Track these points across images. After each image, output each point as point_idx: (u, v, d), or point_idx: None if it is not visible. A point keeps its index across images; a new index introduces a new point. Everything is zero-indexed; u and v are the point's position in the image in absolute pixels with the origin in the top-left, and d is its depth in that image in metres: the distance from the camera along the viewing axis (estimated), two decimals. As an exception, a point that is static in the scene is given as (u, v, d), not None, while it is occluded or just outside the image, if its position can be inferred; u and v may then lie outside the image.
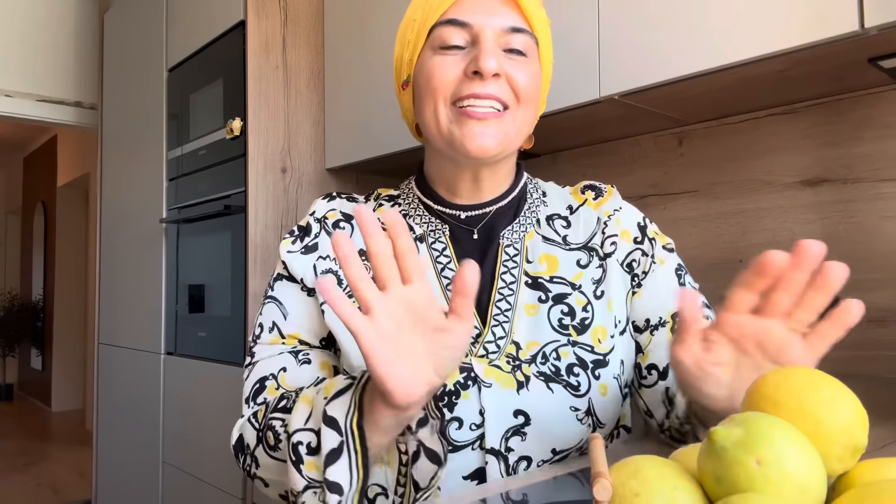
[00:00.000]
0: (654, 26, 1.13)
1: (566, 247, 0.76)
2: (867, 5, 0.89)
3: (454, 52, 0.69)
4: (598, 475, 0.39)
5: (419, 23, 0.72)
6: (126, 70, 2.46)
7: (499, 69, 0.67)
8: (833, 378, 0.46)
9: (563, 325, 0.71)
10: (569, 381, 0.68)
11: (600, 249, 0.77)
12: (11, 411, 6.00)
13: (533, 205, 0.79)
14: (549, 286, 0.73)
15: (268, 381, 0.69)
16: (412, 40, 0.73)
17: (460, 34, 0.69)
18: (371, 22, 1.73)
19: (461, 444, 0.65)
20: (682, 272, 0.79)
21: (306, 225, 0.77)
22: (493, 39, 0.68)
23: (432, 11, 0.70)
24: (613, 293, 0.74)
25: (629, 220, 0.79)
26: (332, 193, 0.80)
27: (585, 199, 0.81)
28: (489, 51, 0.67)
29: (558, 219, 0.79)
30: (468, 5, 0.69)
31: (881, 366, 1.17)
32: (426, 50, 0.71)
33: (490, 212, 0.76)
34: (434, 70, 0.69)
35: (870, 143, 1.21)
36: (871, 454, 0.68)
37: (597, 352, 0.70)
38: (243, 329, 1.75)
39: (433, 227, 0.76)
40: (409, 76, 0.74)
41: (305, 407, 0.60)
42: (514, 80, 0.69)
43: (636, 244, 0.77)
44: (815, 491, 0.38)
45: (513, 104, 0.70)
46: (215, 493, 1.83)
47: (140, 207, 2.31)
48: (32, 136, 6.14)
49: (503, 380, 0.66)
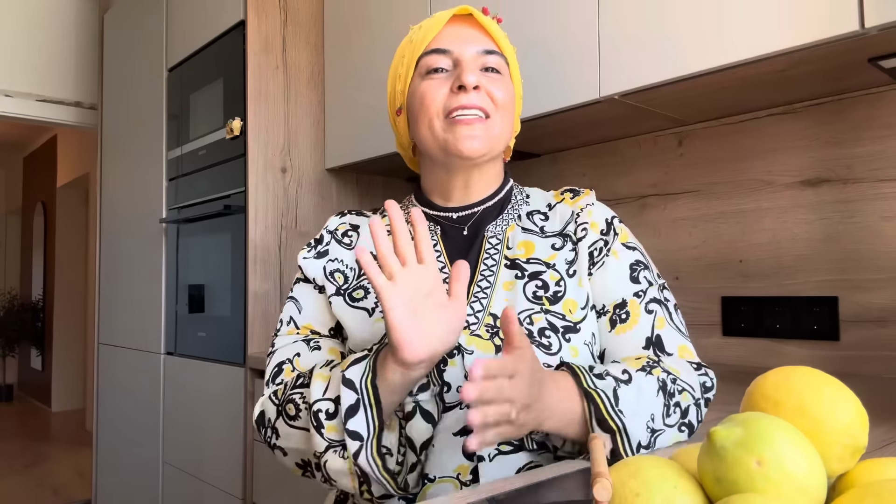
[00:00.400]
0: (654, 26, 1.13)
1: (542, 235, 0.86)
2: (867, 5, 0.89)
3: (440, 75, 0.83)
4: (599, 475, 0.39)
5: (408, 58, 0.85)
6: (126, 70, 2.46)
7: (478, 83, 0.81)
8: (833, 378, 0.46)
9: (537, 297, 0.80)
10: (541, 342, 0.76)
11: (574, 235, 0.85)
12: (11, 411, 6.00)
13: (516, 204, 0.90)
14: (525, 266, 0.83)
15: (284, 365, 0.82)
16: (402, 73, 0.86)
17: (444, 59, 0.83)
18: (371, 22, 1.73)
19: (451, 404, 0.74)
20: (639, 268, 0.83)
21: (320, 237, 0.92)
22: (471, 61, 0.82)
23: (418, 45, 0.84)
24: (583, 273, 0.82)
25: (600, 214, 0.87)
26: (344, 211, 0.95)
27: (563, 199, 0.90)
28: (469, 69, 0.81)
29: (537, 214, 0.89)
30: (448, 36, 0.84)
31: (881, 366, 1.17)
32: (415, 78, 0.85)
33: (478, 211, 0.88)
34: (426, 91, 0.83)
35: (870, 143, 1.21)
36: (871, 454, 0.68)
37: (568, 320, 0.78)
38: (243, 329, 1.75)
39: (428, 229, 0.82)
40: (402, 104, 0.87)
41: (321, 382, 0.71)
42: (492, 92, 0.82)
43: (601, 235, 0.84)
44: (815, 491, 0.38)
45: (493, 112, 0.83)
46: (215, 493, 1.83)
47: (140, 207, 2.31)
48: (32, 136, 6.14)
49: (483, 346, 0.76)
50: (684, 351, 0.79)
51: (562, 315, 0.78)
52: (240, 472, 1.73)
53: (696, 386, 0.75)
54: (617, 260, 0.83)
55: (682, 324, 0.82)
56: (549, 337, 0.76)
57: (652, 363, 0.75)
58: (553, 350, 0.76)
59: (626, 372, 0.71)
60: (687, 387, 0.74)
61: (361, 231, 0.91)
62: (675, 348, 0.79)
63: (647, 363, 0.75)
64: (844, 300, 1.22)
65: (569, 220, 0.86)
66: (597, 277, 0.83)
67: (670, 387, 0.72)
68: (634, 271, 0.83)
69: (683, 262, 1.45)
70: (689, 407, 0.73)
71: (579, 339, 0.78)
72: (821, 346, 1.24)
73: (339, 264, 0.88)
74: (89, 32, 2.93)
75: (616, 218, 0.87)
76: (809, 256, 1.27)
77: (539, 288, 0.80)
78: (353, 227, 0.92)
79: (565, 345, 0.77)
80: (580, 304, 0.80)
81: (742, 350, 1.35)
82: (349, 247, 0.89)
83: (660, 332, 0.79)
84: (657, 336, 0.79)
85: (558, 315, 0.78)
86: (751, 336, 1.34)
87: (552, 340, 0.76)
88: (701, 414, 0.75)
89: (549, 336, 0.76)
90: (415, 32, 0.87)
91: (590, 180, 1.64)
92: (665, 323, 0.80)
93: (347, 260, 0.88)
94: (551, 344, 0.76)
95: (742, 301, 1.35)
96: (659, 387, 0.71)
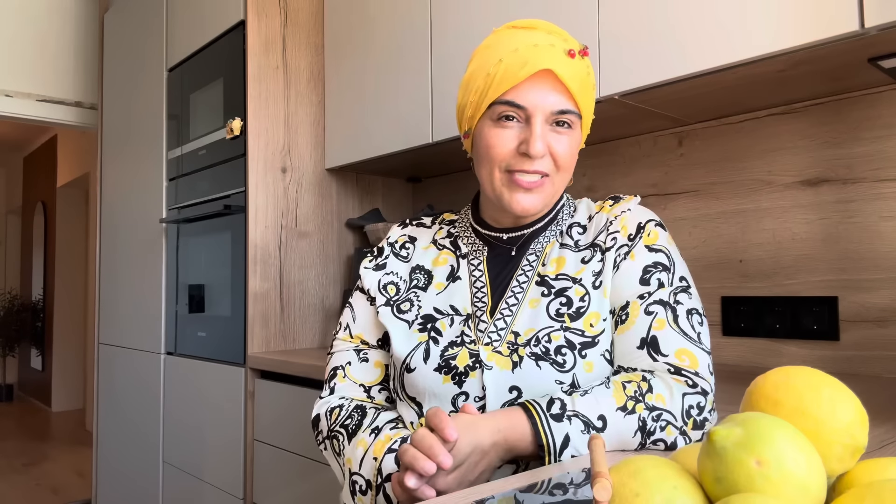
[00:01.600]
0: (654, 26, 1.13)
1: (576, 249, 0.88)
2: (867, 5, 0.89)
3: (509, 124, 0.83)
4: (599, 475, 0.39)
5: (480, 93, 0.84)
6: (126, 70, 2.46)
7: (544, 151, 0.81)
8: (833, 378, 0.46)
9: (560, 314, 0.82)
10: (555, 360, 0.78)
11: (603, 245, 0.86)
12: (11, 411, 6.00)
13: (562, 219, 0.91)
14: (553, 283, 0.85)
15: (338, 371, 0.93)
16: (474, 102, 0.85)
17: (516, 112, 0.82)
18: (371, 22, 1.73)
19: None
20: (655, 270, 0.82)
21: (381, 248, 0.98)
22: (542, 123, 0.82)
23: (493, 90, 0.82)
24: (608, 282, 0.83)
25: (633, 219, 0.86)
26: (406, 221, 1.00)
27: (603, 207, 0.91)
28: (538, 136, 0.81)
29: (577, 227, 0.91)
30: (525, 89, 0.81)
31: (881, 366, 1.17)
32: (485, 119, 0.85)
33: (526, 234, 0.90)
34: (492, 142, 0.83)
35: (870, 143, 1.21)
36: (871, 454, 0.68)
37: (587, 335, 0.80)
38: (243, 329, 1.75)
39: (476, 248, 0.93)
40: (469, 131, 0.88)
41: (361, 450, 0.81)
42: (556, 152, 0.83)
43: (628, 241, 0.85)
44: (815, 491, 0.38)
45: (553, 174, 0.84)
46: (215, 493, 1.83)
47: (140, 207, 2.31)
48: (32, 136, 6.14)
49: (502, 362, 0.79)
50: (683, 354, 0.77)
51: (581, 331, 0.81)
52: (240, 472, 1.73)
53: (680, 414, 0.74)
54: (632, 262, 0.83)
55: (692, 328, 0.79)
56: (565, 355, 0.79)
57: (639, 394, 0.74)
58: (566, 368, 0.78)
59: (602, 418, 0.72)
60: (671, 419, 0.73)
61: (418, 244, 0.96)
62: (671, 350, 0.77)
63: (634, 392, 0.74)
64: (844, 300, 1.22)
65: (602, 228, 0.88)
66: (614, 281, 0.83)
67: (651, 425, 0.73)
68: (648, 273, 0.82)
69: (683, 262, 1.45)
70: (676, 439, 0.73)
71: (597, 352, 0.80)
72: (821, 346, 1.24)
73: (394, 276, 0.94)
74: (89, 32, 2.93)
75: (653, 222, 0.86)
76: (809, 256, 1.27)
77: (563, 305, 0.82)
78: (410, 240, 0.97)
79: (580, 361, 0.79)
80: (602, 315, 0.82)
81: (742, 350, 1.35)
82: (405, 259, 0.95)
83: (657, 333, 0.78)
84: (653, 337, 0.78)
85: (577, 332, 0.80)
86: (751, 336, 1.34)
87: (567, 358, 0.79)
88: (690, 436, 0.74)
89: (565, 354, 0.79)
90: (492, 65, 0.83)
91: (590, 180, 1.64)
92: (666, 324, 0.79)
93: (402, 272, 0.94)
94: (565, 361, 0.79)
95: (742, 301, 1.35)
96: (638, 427, 0.72)
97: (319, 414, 0.91)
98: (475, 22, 1.46)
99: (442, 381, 0.80)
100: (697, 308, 0.81)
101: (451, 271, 0.91)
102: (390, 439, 0.80)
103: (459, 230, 0.96)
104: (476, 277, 0.90)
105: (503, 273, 0.88)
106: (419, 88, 1.59)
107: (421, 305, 0.89)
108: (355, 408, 0.87)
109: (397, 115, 1.66)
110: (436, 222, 1.00)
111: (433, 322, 0.86)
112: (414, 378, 0.82)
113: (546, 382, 0.77)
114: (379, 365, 0.93)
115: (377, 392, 0.91)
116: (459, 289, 0.89)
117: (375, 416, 0.85)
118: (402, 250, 0.96)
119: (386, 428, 0.82)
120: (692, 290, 0.83)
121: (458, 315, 0.86)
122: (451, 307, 0.87)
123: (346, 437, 0.84)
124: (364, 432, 0.83)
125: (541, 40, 0.81)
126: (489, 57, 0.84)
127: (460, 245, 0.94)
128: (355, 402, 0.89)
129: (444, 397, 0.80)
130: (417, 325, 0.87)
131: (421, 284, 0.91)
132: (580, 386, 0.78)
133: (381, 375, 0.92)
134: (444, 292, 0.89)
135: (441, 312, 0.87)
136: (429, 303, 0.88)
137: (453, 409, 0.79)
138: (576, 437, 0.71)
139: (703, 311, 0.83)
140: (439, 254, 0.94)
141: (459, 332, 0.84)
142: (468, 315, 0.85)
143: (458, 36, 1.50)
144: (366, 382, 0.91)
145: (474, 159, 0.90)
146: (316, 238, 1.90)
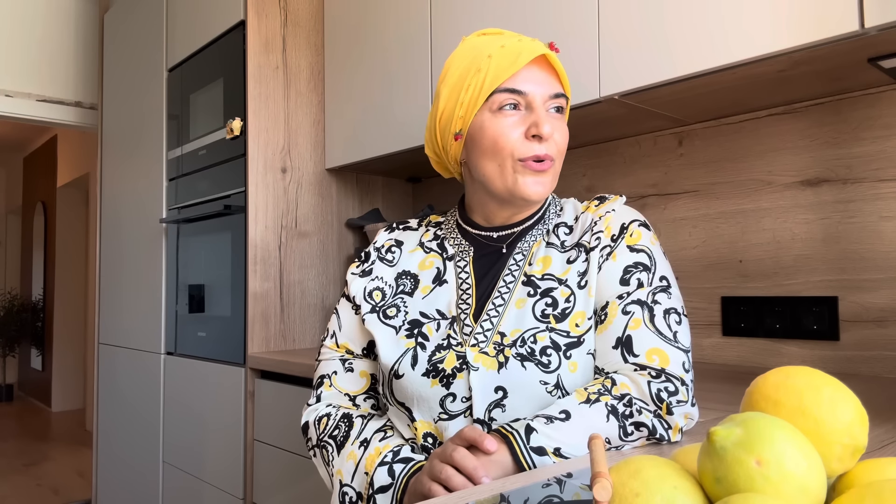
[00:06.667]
0: (654, 27, 1.13)
1: (562, 249, 0.88)
2: (867, 5, 0.89)
3: (512, 114, 0.84)
4: (598, 475, 0.39)
5: (475, 88, 0.85)
6: (126, 70, 2.46)
7: (552, 131, 0.83)
8: (833, 378, 0.46)
9: (545, 315, 0.83)
10: (540, 360, 0.79)
11: (587, 245, 0.86)
12: (11, 411, 6.00)
13: (548, 218, 0.92)
14: (539, 283, 0.86)
15: (325, 379, 0.95)
16: (467, 101, 0.86)
17: (517, 100, 0.84)
18: (371, 22, 1.73)
19: (455, 413, 0.80)
20: (635, 270, 0.82)
21: (367, 253, 0.98)
22: (543, 106, 0.84)
23: (492, 78, 0.84)
24: (592, 282, 0.84)
25: (618, 220, 0.87)
26: (393, 225, 1.00)
27: (589, 207, 0.91)
28: (545, 118, 0.83)
29: (563, 227, 0.91)
30: (524, 77, 0.84)
31: (881, 366, 1.17)
32: (484, 111, 0.85)
33: (516, 231, 0.91)
34: (500, 132, 0.84)
35: (870, 143, 1.21)
36: (871, 454, 0.68)
37: (572, 336, 0.81)
38: (243, 329, 1.75)
39: (462, 250, 0.93)
40: (462, 130, 0.87)
41: (351, 463, 0.84)
42: (556, 136, 0.85)
43: (611, 241, 0.85)
44: (815, 491, 0.38)
45: (557, 157, 0.86)
46: (215, 493, 1.83)
47: (140, 207, 2.31)
48: (32, 136, 6.14)
49: (488, 363, 0.80)
50: (654, 354, 0.76)
51: (566, 332, 0.81)
52: (240, 472, 1.73)
53: (650, 399, 0.74)
54: (613, 262, 0.83)
55: (668, 328, 0.78)
56: (550, 355, 0.80)
57: (603, 390, 0.75)
58: (551, 368, 0.79)
59: (564, 411, 0.73)
60: (641, 404, 0.74)
61: (404, 247, 0.96)
62: (643, 350, 0.76)
63: (597, 390, 0.75)
64: (844, 300, 1.22)
65: (587, 228, 0.88)
66: (597, 282, 0.84)
67: (623, 409, 0.73)
68: (628, 273, 0.82)
69: (683, 262, 1.46)
70: (654, 423, 0.73)
71: (581, 352, 0.80)
72: (821, 346, 1.24)
73: (380, 282, 0.94)
74: (89, 32, 2.93)
75: (636, 222, 0.86)
76: (809, 256, 1.27)
77: (548, 306, 0.83)
78: (397, 244, 0.97)
79: (565, 361, 0.80)
80: (587, 314, 0.82)
81: (742, 350, 1.35)
82: (391, 263, 0.95)
83: (632, 332, 0.78)
84: (627, 337, 0.78)
85: (563, 333, 0.81)
86: (751, 336, 1.34)
87: (552, 359, 0.80)
88: (668, 421, 0.74)
89: (550, 354, 0.80)
90: (483, 60, 0.84)
91: (590, 180, 1.64)
92: (641, 324, 0.78)
93: (387, 277, 0.94)
94: (550, 362, 0.79)
95: (742, 301, 1.35)
96: (608, 412, 0.73)
97: (308, 422, 0.93)
98: (475, 22, 1.46)
99: (430, 385, 0.81)
100: (676, 307, 0.80)
101: (437, 274, 0.91)
102: (380, 452, 0.82)
103: (446, 232, 0.97)
104: (462, 279, 0.90)
105: (490, 273, 0.89)
106: (419, 88, 1.59)
107: (408, 311, 0.89)
108: (342, 417, 0.89)
109: (397, 115, 1.66)
110: (422, 224, 1.00)
111: (420, 327, 0.87)
112: (402, 384, 0.83)
113: (531, 383, 0.78)
114: (364, 374, 0.95)
115: (363, 401, 0.94)
116: (446, 292, 0.89)
117: (363, 427, 0.87)
118: (388, 254, 0.96)
119: (374, 440, 0.84)
120: (672, 289, 0.82)
121: (444, 318, 0.86)
122: (438, 311, 0.87)
123: (335, 449, 0.87)
124: (353, 444, 0.85)
125: (521, 38, 0.86)
126: (475, 57, 0.86)
127: (447, 247, 0.95)
128: (342, 410, 0.91)
129: (432, 400, 0.81)
130: (405, 330, 0.87)
131: (407, 289, 0.92)
132: (564, 386, 0.79)
133: (366, 385, 0.94)
134: (431, 296, 0.89)
135: (427, 316, 0.87)
136: (415, 307, 0.89)
137: (441, 410, 0.80)
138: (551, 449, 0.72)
139: (684, 311, 0.82)
140: (426, 257, 0.94)
141: (446, 335, 0.84)
142: (454, 318, 0.86)
143: (457, 36, 1.50)
144: (351, 392, 0.94)
145: (473, 157, 0.88)
146: (316, 238, 1.90)
